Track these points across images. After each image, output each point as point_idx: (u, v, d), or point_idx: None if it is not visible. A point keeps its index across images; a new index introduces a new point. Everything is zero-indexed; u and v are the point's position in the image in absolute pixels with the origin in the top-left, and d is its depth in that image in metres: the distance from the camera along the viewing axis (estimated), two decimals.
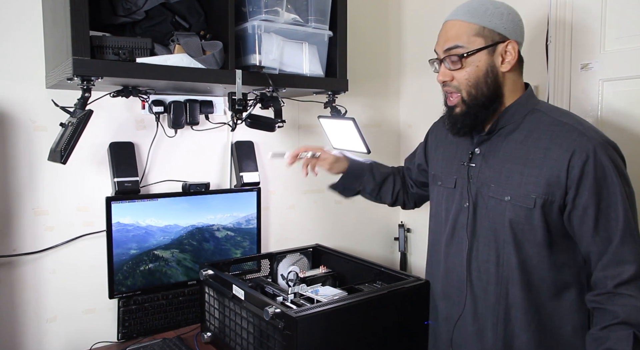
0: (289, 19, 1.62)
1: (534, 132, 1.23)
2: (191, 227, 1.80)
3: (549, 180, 1.17)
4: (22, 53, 1.56)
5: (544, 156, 1.19)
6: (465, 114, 1.26)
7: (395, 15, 2.42)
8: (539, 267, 1.23)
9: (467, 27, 1.22)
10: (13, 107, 1.56)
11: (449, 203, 1.39)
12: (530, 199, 1.19)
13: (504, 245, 1.25)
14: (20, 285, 1.60)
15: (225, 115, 1.94)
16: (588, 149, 1.14)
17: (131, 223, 1.66)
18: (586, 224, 1.16)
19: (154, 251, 1.72)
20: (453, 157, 1.41)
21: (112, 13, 1.52)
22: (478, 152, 1.32)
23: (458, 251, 1.35)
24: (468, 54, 1.21)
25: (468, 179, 1.33)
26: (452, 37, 1.23)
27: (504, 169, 1.25)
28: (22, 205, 1.59)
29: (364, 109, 2.33)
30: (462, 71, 1.23)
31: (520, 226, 1.22)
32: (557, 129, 1.20)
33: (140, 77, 1.39)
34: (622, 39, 1.58)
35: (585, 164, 1.13)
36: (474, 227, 1.31)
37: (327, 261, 1.86)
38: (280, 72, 1.63)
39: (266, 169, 2.07)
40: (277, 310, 1.27)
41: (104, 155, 1.71)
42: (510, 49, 1.22)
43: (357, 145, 1.79)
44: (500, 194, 1.25)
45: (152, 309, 1.73)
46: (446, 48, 1.24)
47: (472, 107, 1.25)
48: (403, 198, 1.71)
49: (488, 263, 1.28)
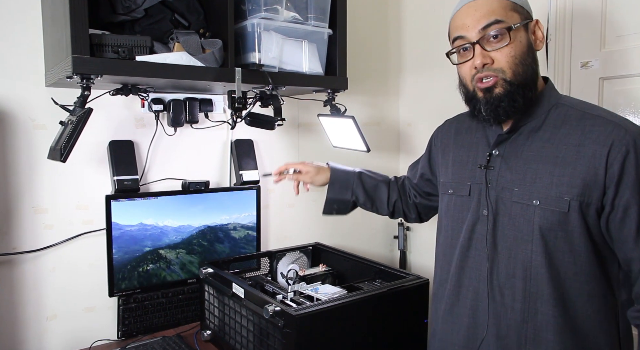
0: (288, 17, 1.62)
1: (562, 128, 1.10)
2: (203, 226, 1.82)
3: (585, 179, 1.04)
4: (21, 51, 1.56)
5: (577, 153, 1.06)
6: (512, 94, 1.09)
7: (395, 14, 2.41)
8: (574, 279, 1.08)
9: (500, 2, 1.10)
10: (12, 105, 1.56)
11: (463, 212, 1.24)
12: (564, 202, 1.05)
13: (532, 257, 1.10)
14: (20, 283, 1.60)
15: (224, 114, 1.94)
16: (628, 142, 1.01)
17: (137, 223, 1.67)
18: (628, 227, 1.03)
19: (159, 250, 1.73)
20: (466, 162, 1.26)
21: (111, 11, 1.52)
22: (496, 154, 1.18)
23: (476, 265, 1.19)
24: (515, 28, 1.08)
25: (486, 184, 1.18)
26: (487, 12, 1.09)
27: (529, 170, 1.11)
28: (22, 203, 1.59)
29: (363, 107, 2.33)
30: (506, 48, 1.08)
31: (553, 233, 1.07)
32: (588, 123, 1.07)
33: (140, 75, 1.39)
34: (622, 38, 1.58)
35: (625, 159, 1.01)
36: (494, 238, 1.16)
37: (326, 259, 1.86)
38: (280, 70, 1.62)
39: (266, 167, 2.07)
40: (276, 309, 1.27)
41: (104, 153, 1.71)
42: (539, 27, 1.13)
43: (357, 143, 1.79)
44: (526, 199, 1.11)
45: (152, 307, 1.73)
46: (483, 26, 1.09)
47: (519, 86, 1.09)
48: (402, 208, 1.57)
49: (514, 278, 1.12)
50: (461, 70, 1.17)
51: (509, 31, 1.08)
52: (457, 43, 1.15)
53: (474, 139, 1.27)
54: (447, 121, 1.43)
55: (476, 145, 1.25)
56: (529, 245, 1.10)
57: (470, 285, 1.20)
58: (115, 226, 1.64)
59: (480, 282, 1.18)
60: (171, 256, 1.76)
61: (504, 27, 1.08)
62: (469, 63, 1.13)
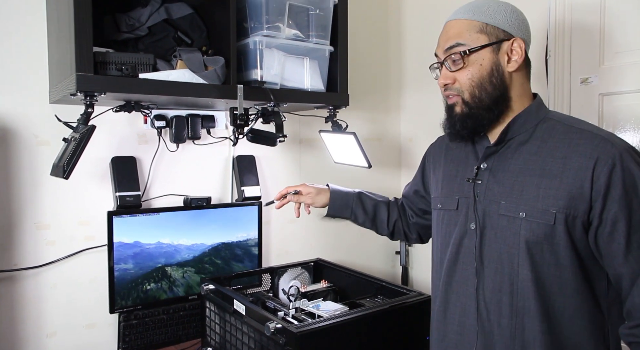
0: (290, 34, 1.63)
1: (549, 141, 1.10)
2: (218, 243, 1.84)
3: (571, 192, 1.03)
4: (25, 68, 1.58)
5: (563, 166, 1.06)
6: (466, 115, 1.15)
7: (395, 30, 2.44)
8: (560, 293, 1.07)
9: (469, 24, 1.13)
10: (16, 121, 1.57)
11: (451, 227, 1.23)
12: (550, 215, 1.05)
13: (519, 270, 1.09)
14: (21, 300, 1.60)
15: (226, 130, 1.95)
16: (614, 155, 1.01)
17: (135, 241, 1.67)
18: (616, 242, 1.02)
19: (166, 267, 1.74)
20: (454, 176, 1.27)
21: (115, 29, 1.54)
22: (484, 167, 1.18)
23: (463, 280, 1.18)
24: (470, 51, 1.11)
25: (474, 197, 1.18)
26: (453, 35, 1.14)
27: (516, 182, 1.11)
28: (24, 219, 1.60)
29: (364, 122, 2.34)
30: (464, 71, 1.13)
31: (539, 246, 1.07)
32: (575, 136, 1.07)
33: (143, 93, 1.41)
34: (620, 54, 1.60)
35: (612, 173, 1.00)
36: (482, 252, 1.15)
37: (328, 275, 1.85)
38: (282, 87, 1.64)
39: (267, 183, 2.07)
40: (278, 326, 1.27)
41: (106, 169, 1.72)
42: (517, 46, 1.12)
43: (358, 159, 1.80)
44: (513, 211, 1.10)
45: (152, 324, 1.72)
46: (447, 47, 1.14)
47: (475, 108, 1.13)
48: (403, 229, 1.56)
49: (500, 293, 1.11)
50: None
51: (464, 55, 1.12)
52: (434, 60, 1.22)
53: (463, 154, 1.27)
54: (439, 137, 1.44)
55: (465, 160, 1.26)
56: (515, 259, 1.09)
57: (458, 301, 1.19)
58: (137, 244, 1.67)
59: (467, 297, 1.17)
60: (177, 275, 1.76)
61: (460, 51, 1.12)
62: (438, 79, 1.20)
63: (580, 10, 1.68)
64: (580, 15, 1.69)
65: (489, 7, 1.14)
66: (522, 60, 1.13)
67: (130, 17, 1.55)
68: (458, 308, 1.19)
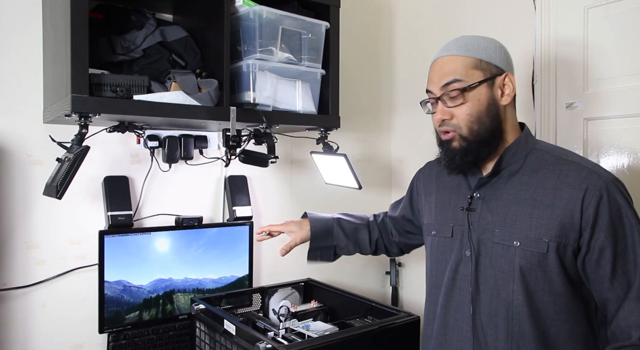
0: (282, 57, 1.67)
1: (539, 172, 1.15)
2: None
3: (563, 221, 1.09)
4: (21, 88, 1.59)
5: (554, 196, 1.10)
6: (465, 150, 1.17)
7: (387, 53, 2.49)
8: (555, 318, 1.11)
9: (464, 60, 1.16)
10: (10, 140, 1.58)
11: (446, 253, 1.27)
12: (543, 243, 1.10)
13: (514, 296, 1.13)
14: (9, 320, 1.59)
15: (219, 150, 1.97)
16: (601, 187, 1.07)
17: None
18: (603, 269, 1.07)
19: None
20: (447, 203, 1.31)
21: (110, 51, 1.56)
22: (477, 196, 1.22)
23: (460, 306, 1.22)
24: (470, 87, 1.14)
25: (468, 225, 1.22)
26: (449, 72, 1.16)
27: (509, 212, 1.15)
28: (14, 238, 1.60)
29: (355, 143, 2.37)
30: (463, 107, 1.15)
31: (533, 273, 1.11)
32: (564, 168, 1.13)
33: (137, 114, 1.43)
34: (603, 81, 1.65)
35: (599, 203, 1.06)
36: (477, 278, 1.19)
37: (318, 296, 1.86)
38: (274, 109, 1.66)
39: (259, 203, 2.09)
40: (268, 346, 1.27)
41: (98, 188, 1.72)
42: (508, 81, 1.17)
43: (349, 180, 1.82)
44: (507, 240, 1.14)
45: (142, 344, 1.71)
46: (444, 84, 1.16)
47: (474, 143, 1.16)
48: (384, 245, 1.61)
49: (496, 317, 1.15)
50: (432, 119, 1.24)
51: (464, 91, 1.14)
52: (427, 96, 1.23)
53: (455, 182, 1.31)
54: (427, 164, 1.48)
55: (457, 188, 1.30)
56: (511, 285, 1.13)
57: (455, 326, 1.23)
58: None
59: (464, 322, 1.21)
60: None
61: (460, 88, 1.15)
62: (434, 115, 1.21)
63: (564, 40, 1.74)
64: (564, 45, 1.74)
65: (479, 43, 1.18)
66: (514, 93, 1.19)
67: (126, 40, 1.58)
68: (456, 332, 1.22)
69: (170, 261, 1.78)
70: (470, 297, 1.19)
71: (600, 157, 1.66)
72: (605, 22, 1.64)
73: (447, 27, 2.17)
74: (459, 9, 2.13)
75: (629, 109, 1.58)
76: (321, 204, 2.24)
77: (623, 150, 1.61)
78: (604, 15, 1.64)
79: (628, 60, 1.59)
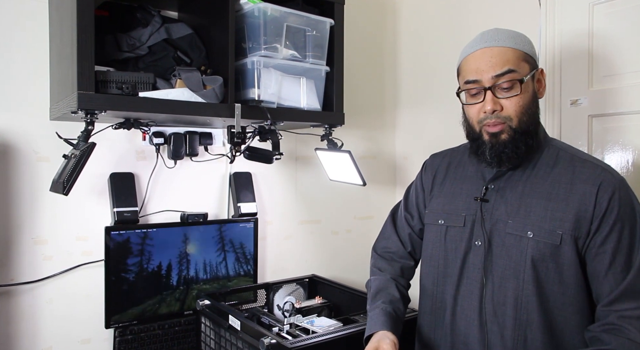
0: (287, 54, 1.67)
1: (555, 167, 1.18)
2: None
3: (577, 215, 1.11)
4: (27, 85, 1.61)
5: (569, 191, 1.14)
6: (516, 142, 1.16)
7: (391, 50, 2.49)
8: (563, 309, 1.13)
9: (514, 52, 1.15)
10: (17, 137, 1.60)
11: (455, 243, 1.27)
12: (556, 235, 1.12)
13: (524, 286, 1.15)
14: (17, 315, 1.61)
15: (224, 147, 1.98)
16: (614, 184, 1.11)
17: None
18: (600, 263, 1.11)
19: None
20: (459, 194, 1.31)
21: (116, 49, 1.57)
22: (492, 187, 1.24)
23: (469, 294, 1.23)
24: (526, 79, 1.15)
25: (482, 215, 1.23)
26: (502, 61, 1.14)
27: (523, 203, 1.18)
28: (22, 234, 1.61)
29: (360, 140, 2.37)
30: (515, 98, 1.14)
31: (545, 264, 1.13)
32: (578, 165, 1.16)
33: (143, 111, 1.44)
34: (609, 78, 1.64)
35: (611, 199, 1.10)
36: (487, 267, 1.20)
37: (323, 291, 1.87)
38: (279, 106, 1.67)
39: (264, 200, 2.10)
40: (272, 341, 1.28)
41: (105, 185, 1.74)
42: (542, 76, 1.21)
43: (353, 177, 1.83)
44: (520, 230, 1.16)
45: (148, 339, 1.73)
46: (497, 74, 1.14)
47: (522, 135, 1.16)
48: (411, 271, 1.48)
49: (504, 306, 1.17)
50: (469, 111, 1.22)
51: (521, 83, 1.14)
52: (469, 86, 1.19)
53: (468, 173, 1.32)
54: (439, 154, 1.45)
55: (470, 179, 1.31)
56: (521, 275, 1.15)
57: (462, 313, 1.24)
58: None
59: (471, 310, 1.22)
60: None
61: (516, 78, 1.14)
62: (478, 106, 1.18)
63: (569, 34, 1.73)
64: (569, 42, 1.74)
65: (522, 37, 1.19)
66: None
67: (131, 37, 1.59)
68: (463, 320, 1.24)
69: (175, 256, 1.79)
70: (480, 286, 1.21)
71: (604, 154, 1.65)
72: (611, 18, 1.63)
73: (452, 23, 2.16)
74: (464, 6, 2.12)
75: (634, 105, 1.58)
76: (326, 200, 2.25)
77: (627, 147, 1.61)
78: (609, 11, 1.64)
79: (633, 57, 1.59)
